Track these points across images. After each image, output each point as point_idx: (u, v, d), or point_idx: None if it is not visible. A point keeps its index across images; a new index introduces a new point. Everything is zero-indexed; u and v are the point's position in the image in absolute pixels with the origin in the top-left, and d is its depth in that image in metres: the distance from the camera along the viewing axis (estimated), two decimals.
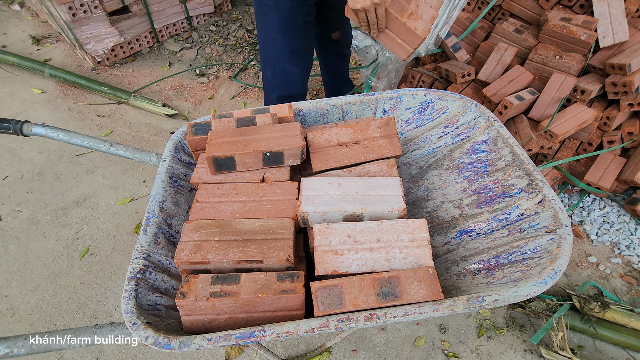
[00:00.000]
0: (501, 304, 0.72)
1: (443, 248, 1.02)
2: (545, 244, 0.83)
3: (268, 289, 0.76)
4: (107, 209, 1.93)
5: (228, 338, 0.68)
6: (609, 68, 1.65)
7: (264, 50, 1.51)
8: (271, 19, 1.38)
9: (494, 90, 1.72)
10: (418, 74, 2.07)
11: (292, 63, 1.49)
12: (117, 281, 1.66)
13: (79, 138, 1.11)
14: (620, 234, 1.76)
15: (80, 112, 2.44)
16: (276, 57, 1.48)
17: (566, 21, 1.71)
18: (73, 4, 2.35)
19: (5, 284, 1.65)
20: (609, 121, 1.69)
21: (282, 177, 0.99)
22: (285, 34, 1.40)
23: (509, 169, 1.00)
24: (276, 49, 1.46)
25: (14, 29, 3.07)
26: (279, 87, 1.58)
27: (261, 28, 1.45)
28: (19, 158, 2.17)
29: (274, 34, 1.41)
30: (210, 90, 2.64)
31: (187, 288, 0.76)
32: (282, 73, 1.53)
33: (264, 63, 1.55)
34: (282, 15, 1.35)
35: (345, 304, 0.73)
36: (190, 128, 1.06)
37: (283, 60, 1.48)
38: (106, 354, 1.45)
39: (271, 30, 1.41)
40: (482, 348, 1.47)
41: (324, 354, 1.43)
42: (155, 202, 0.96)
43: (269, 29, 1.42)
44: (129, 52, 2.80)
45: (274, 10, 1.35)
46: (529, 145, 1.66)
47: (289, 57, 1.47)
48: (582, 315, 1.46)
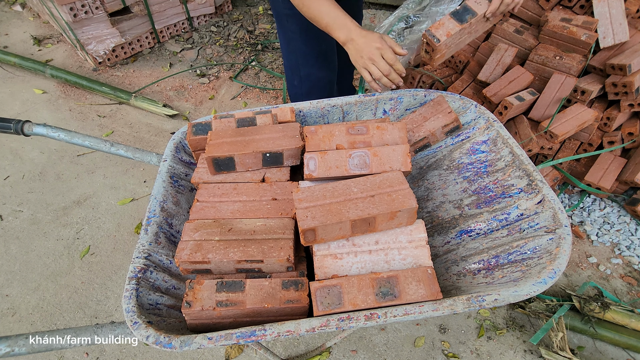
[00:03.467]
0: (501, 303, 0.72)
1: (443, 248, 1.02)
2: (545, 244, 0.83)
3: (273, 298, 0.76)
4: (108, 209, 1.94)
5: (229, 337, 0.69)
6: (609, 68, 1.65)
7: (288, 59, 1.51)
8: (292, 27, 1.38)
9: (494, 91, 1.72)
10: (418, 74, 2.07)
11: (318, 67, 1.49)
12: (118, 281, 1.67)
13: (80, 138, 1.12)
14: (621, 235, 1.76)
15: (81, 113, 2.45)
16: (301, 63, 1.47)
17: (566, 22, 1.71)
18: (74, 4, 2.36)
19: (6, 283, 1.65)
20: (609, 122, 1.69)
21: (282, 177, 0.99)
22: (307, 38, 1.39)
23: (508, 169, 1.00)
24: (300, 55, 1.45)
25: (15, 29, 3.08)
26: (306, 94, 1.56)
27: (283, 39, 1.45)
28: (20, 158, 2.17)
29: (297, 41, 1.41)
30: (211, 90, 2.65)
31: (192, 296, 0.76)
32: (309, 80, 1.52)
33: (291, 72, 1.54)
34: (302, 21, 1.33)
35: (344, 303, 0.73)
36: (190, 128, 1.06)
37: (309, 66, 1.48)
38: (106, 354, 1.45)
39: (293, 38, 1.41)
40: (482, 348, 1.47)
41: (323, 354, 1.43)
42: (156, 201, 0.96)
43: (290, 37, 1.41)
44: (129, 52, 2.81)
45: (293, 17, 1.34)
46: (529, 145, 1.67)
47: (315, 61, 1.46)
48: (582, 316, 1.46)
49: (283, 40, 1.47)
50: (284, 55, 1.53)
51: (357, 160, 0.90)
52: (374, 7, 3.33)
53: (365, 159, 0.90)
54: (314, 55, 1.44)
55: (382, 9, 3.32)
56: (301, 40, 1.40)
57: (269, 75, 2.75)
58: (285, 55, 1.51)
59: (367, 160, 0.90)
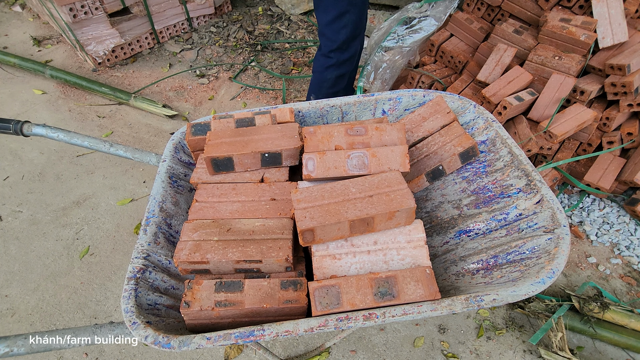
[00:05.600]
0: (499, 303, 0.72)
1: (442, 248, 1.02)
2: (544, 244, 0.83)
3: (272, 298, 0.76)
4: (107, 209, 1.94)
5: (227, 337, 0.69)
6: (608, 69, 1.65)
7: (335, 35, 1.72)
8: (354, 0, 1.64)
9: (494, 91, 1.72)
10: (417, 74, 2.07)
11: (360, 39, 1.83)
12: (117, 281, 1.66)
13: (79, 138, 1.12)
14: (620, 235, 1.76)
15: (81, 113, 2.45)
16: (351, 36, 1.74)
17: (565, 22, 1.71)
18: (74, 5, 2.36)
19: (6, 284, 1.65)
20: (609, 122, 1.69)
21: (281, 177, 0.99)
22: (362, 12, 1.70)
23: (507, 169, 1.00)
24: (351, 29, 1.71)
25: (15, 30, 3.08)
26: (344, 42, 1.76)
27: (337, 13, 1.65)
28: (20, 159, 2.17)
29: (353, 14, 1.66)
30: (211, 91, 2.65)
31: (191, 297, 0.76)
32: (352, 50, 1.81)
33: (335, 48, 1.76)
34: None
35: (342, 303, 0.73)
36: (189, 128, 1.06)
37: (356, 39, 1.79)
38: (106, 354, 1.45)
39: (349, 11, 1.64)
40: (481, 348, 1.47)
41: (323, 354, 1.43)
42: (155, 202, 0.96)
43: (346, 10, 1.63)
44: (129, 53, 2.81)
45: None
46: (528, 145, 1.67)
47: (360, 32, 1.79)
48: (582, 316, 1.46)
49: (335, 15, 1.66)
50: (330, 32, 1.72)
51: (356, 161, 0.90)
52: (374, 7, 3.34)
53: (363, 159, 0.90)
54: (362, 27, 1.76)
55: (382, 9, 3.32)
56: (357, 13, 1.67)
57: (269, 75, 2.75)
58: (334, 31, 1.71)
59: (365, 161, 0.90)
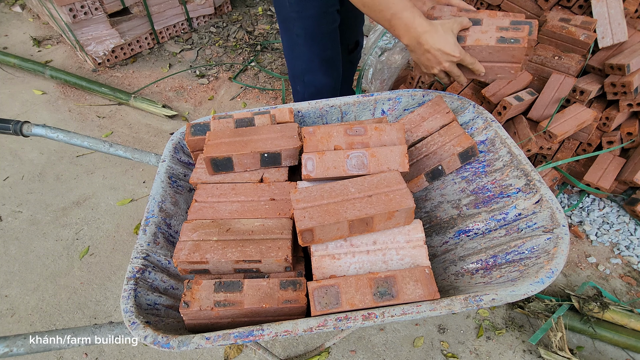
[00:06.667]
0: (499, 303, 0.72)
1: (441, 248, 1.02)
2: (543, 244, 0.83)
3: (271, 298, 0.76)
4: (107, 209, 1.94)
5: (227, 337, 0.69)
6: (608, 68, 1.65)
7: (292, 65, 1.49)
8: (297, 31, 1.35)
9: (493, 91, 1.73)
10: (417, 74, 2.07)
11: (322, 73, 1.46)
12: (117, 281, 1.67)
13: (79, 138, 1.12)
14: (620, 235, 1.76)
15: (81, 113, 2.45)
16: (305, 69, 1.45)
17: (565, 22, 1.71)
18: (74, 5, 2.36)
19: (6, 284, 1.66)
20: (608, 121, 1.69)
21: (280, 177, 0.99)
22: (313, 43, 1.37)
23: (506, 169, 1.00)
24: (305, 61, 1.42)
25: (15, 30, 3.08)
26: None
27: (288, 43, 1.42)
28: (20, 159, 2.18)
29: (302, 46, 1.38)
30: (210, 91, 2.65)
31: (190, 297, 0.76)
32: (313, 85, 1.49)
33: (293, 79, 1.52)
34: (308, 25, 1.31)
35: (342, 303, 0.73)
36: (189, 128, 1.06)
37: (312, 72, 1.45)
38: (105, 354, 1.45)
39: (297, 43, 1.38)
40: (481, 348, 1.47)
41: (322, 354, 1.43)
42: (155, 202, 0.97)
43: (295, 42, 1.39)
44: (129, 53, 2.81)
45: (299, 21, 1.32)
46: (528, 145, 1.67)
47: (319, 67, 1.43)
48: (582, 316, 1.46)
49: (287, 45, 1.44)
50: (287, 60, 1.50)
51: (355, 161, 0.90)
52: None
53: (363, 159, 0.90)
54: (318, 60, 1.42)
55: None
56: (306, 45, 1.37)
57: (268, 75, 2.75)
58: (289, 61, 1.49)
59: (364, 161, 0.90)
